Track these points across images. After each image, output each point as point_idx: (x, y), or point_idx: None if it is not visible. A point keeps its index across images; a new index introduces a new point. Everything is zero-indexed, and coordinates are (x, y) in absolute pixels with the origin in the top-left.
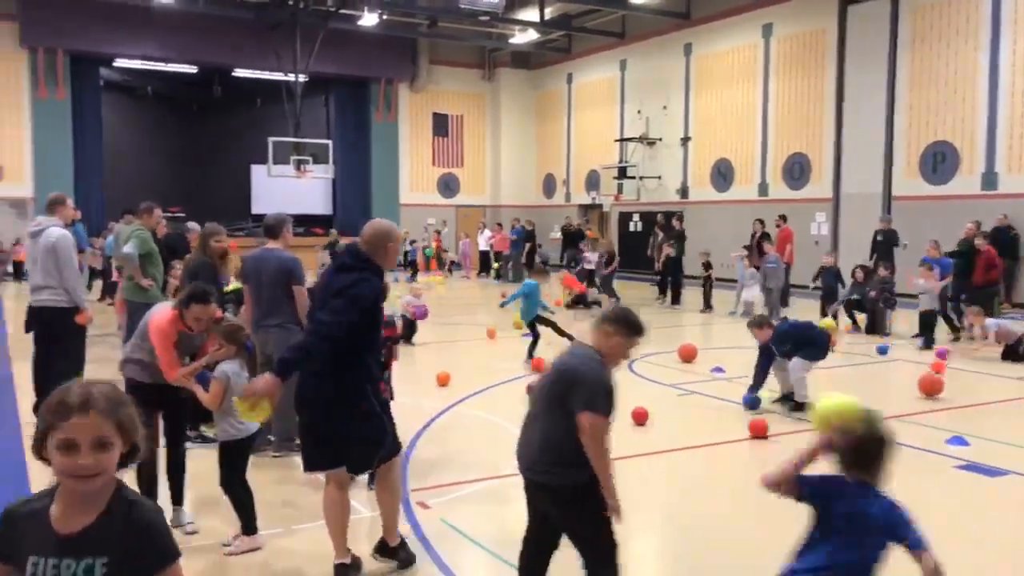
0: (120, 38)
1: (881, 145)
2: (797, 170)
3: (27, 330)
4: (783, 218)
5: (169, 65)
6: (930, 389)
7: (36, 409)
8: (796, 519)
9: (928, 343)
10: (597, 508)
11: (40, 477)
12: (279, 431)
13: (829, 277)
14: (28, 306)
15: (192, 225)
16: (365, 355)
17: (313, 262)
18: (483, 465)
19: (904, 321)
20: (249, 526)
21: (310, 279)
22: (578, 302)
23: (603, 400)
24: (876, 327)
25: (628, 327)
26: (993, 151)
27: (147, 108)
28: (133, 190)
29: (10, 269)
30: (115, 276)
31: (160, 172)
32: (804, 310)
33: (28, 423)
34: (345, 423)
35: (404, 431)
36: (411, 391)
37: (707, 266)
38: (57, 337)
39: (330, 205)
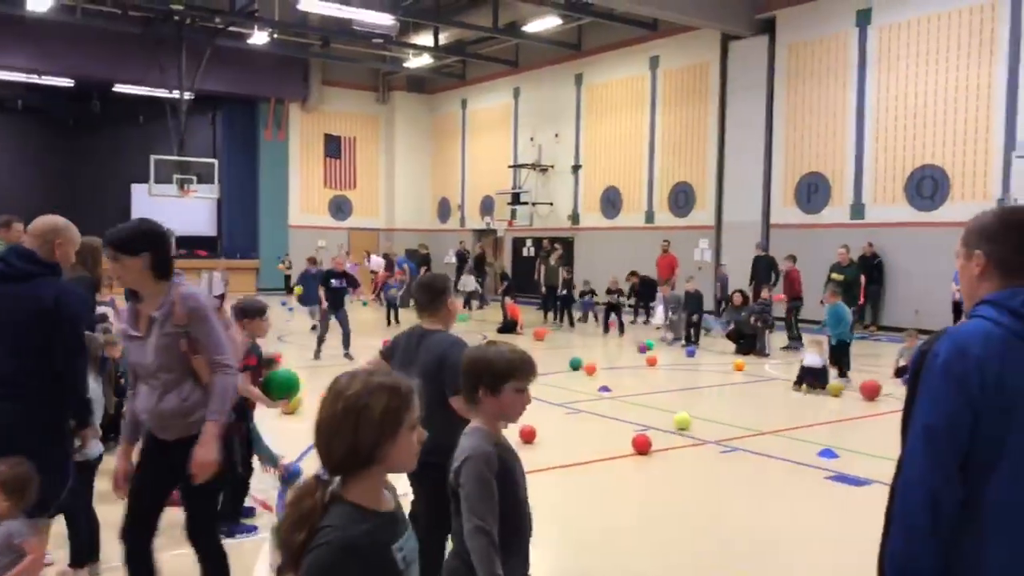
0: None
1: (760, 175)
2: (682, 198)
3: None
4: (668, 243)
5: (43, 78)
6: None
7: None
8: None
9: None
10: None
11: None
12: None
13: (692, 303)
14: None
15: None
16: None
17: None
18: None
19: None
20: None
21: None
22: (509, 329)
23: None
24: (757, 347)
25: None
26: (860, 183)
27: (17, 122)
28: (1, 206)
29: None
30: None
31: (32, 188)
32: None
33: None
34: None
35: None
36: None
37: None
38: None
39: (215, 226)
